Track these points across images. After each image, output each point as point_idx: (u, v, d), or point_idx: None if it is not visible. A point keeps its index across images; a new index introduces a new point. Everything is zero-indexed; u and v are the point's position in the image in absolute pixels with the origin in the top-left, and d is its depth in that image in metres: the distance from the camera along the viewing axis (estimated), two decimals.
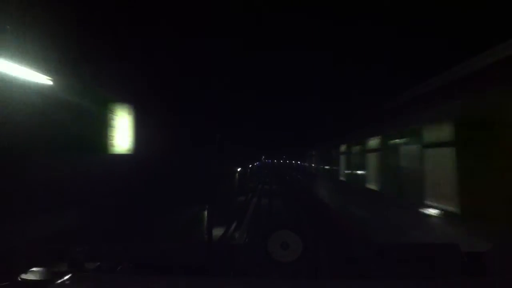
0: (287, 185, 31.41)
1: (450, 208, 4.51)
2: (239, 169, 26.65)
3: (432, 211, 4.94)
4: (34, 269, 1.41)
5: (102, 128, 6.06)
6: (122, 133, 6.61)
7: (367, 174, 8.76)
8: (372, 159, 8.34)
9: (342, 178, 12.10)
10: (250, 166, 40.47)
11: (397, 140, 6.74)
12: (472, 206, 4.03)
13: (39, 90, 4.23)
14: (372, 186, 8.21)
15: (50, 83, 4.39)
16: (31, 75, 4.09)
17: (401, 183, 6.33)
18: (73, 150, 5.08)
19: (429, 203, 5.09)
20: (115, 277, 1.44)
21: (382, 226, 6.72)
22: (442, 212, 4.71)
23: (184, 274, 1.47)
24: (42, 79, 4.27)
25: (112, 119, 6.35)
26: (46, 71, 4.27)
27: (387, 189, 7.11)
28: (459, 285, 1.33)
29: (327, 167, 15.79)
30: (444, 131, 4.78)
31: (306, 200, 18.54)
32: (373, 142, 8.35)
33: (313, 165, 21.55)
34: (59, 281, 1.26)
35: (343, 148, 12.30)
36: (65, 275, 1.30)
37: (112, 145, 6.29)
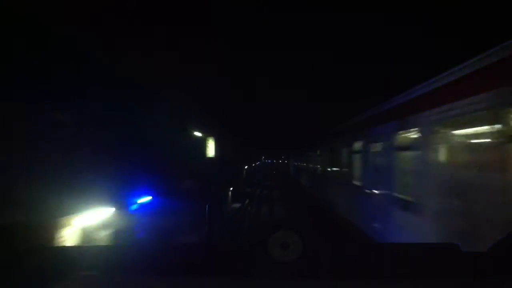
0: (284, 180, 38.88)
1: (359, 184, 8.34)
2: (246, 167, 35.02)
3: (354, 185, 8.69)
4: (34, 268, 1.41)
5: (206, 148, 15.58)
6: (211, 149, 16.19)
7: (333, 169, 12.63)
8: (328, 159, 12.85)
9: (319, 173, 16.37)
10: (253, 165, 47.66)
11: (342, 148, 10.59)
12: (362, 180, 7.90)
13: (199, 137, 13.86)
14: (332, 176, 12.19)
15: (200, 135, 13.72)
16: (198, 133, 13.57)
17: (343, 173, 10.21)
18: (199, 158, 14.29)
19: (353, 182, 8.88)
20: (115, 277, 1.44)
21: (332, 193, 11.73)
22: (356, 185, 8.50)
23: (184, 274, 1.48)
24: (200, 134, 13.83)
25: (208, 144, 15.78)
26: (200, 131, 13.81)
27: (337, 176, 11.37)
28: (459, 285, 1.34)
29: (311, 165, 20.29)
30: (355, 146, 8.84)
31: (295, 189, 27.10)
32: (333, 148, 12.30)
33: (304, 164, 26.03)
34: (59, 281, 1.29)
35: (318, 151, 17.01)
36: (65, 275, 1.34)
37: (208, 154, 15.68)
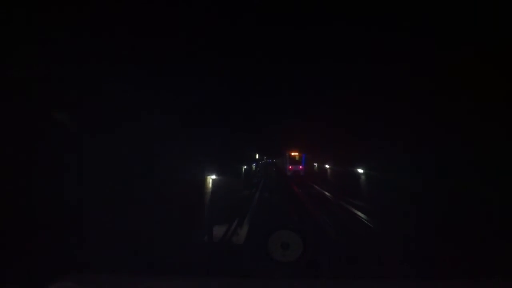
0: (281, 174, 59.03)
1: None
2: (260, 162, 46.18)
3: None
4: (34, 268, 1.34)
5: (256, 155, 38.58)
6: (256, 156, 39.03)
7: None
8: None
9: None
10: (262, 161, 62.93)
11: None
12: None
13: (254, 153, 35.27)
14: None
15: (257, 154, 28.15)
16: (256, 153, 31.05)
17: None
18: (255, 159, 37.65)
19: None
20: (115, 277, 1.44)
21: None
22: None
23: (184, 274, 1.51)
24: (255, 152, 34.26)
25: (256, 155, 37.29)
26: (255, 151, 35.68)
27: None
28: (459, 285, 1.40)
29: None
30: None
31: (275, 167, 48.53)
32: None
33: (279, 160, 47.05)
34: (59, 281, 1.29)
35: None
36: (65, 275, 1.33)
37: (255, 158, 39.03)
